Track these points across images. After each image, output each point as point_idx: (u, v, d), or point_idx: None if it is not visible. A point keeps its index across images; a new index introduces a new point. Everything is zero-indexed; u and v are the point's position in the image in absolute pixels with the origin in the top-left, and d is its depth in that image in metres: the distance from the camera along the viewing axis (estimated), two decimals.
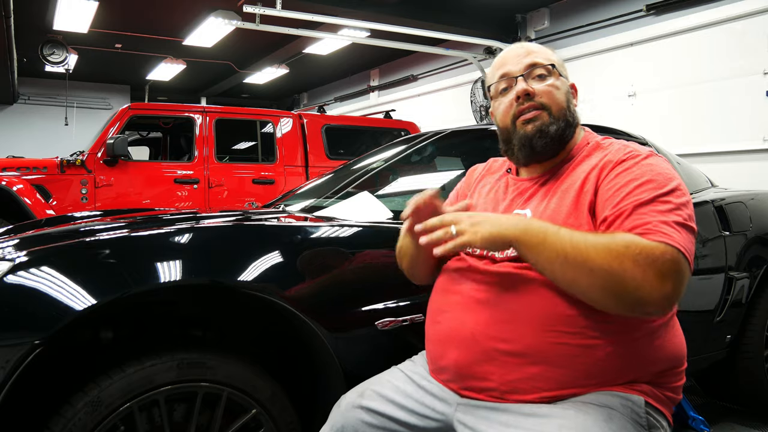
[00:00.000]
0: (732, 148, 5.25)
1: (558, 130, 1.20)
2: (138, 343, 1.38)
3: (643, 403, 1.06)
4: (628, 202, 1.04)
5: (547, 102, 1.20)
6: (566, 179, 1.19)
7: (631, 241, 0.96)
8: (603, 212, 1.07)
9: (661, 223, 0.99)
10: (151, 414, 1.31)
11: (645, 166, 1.09)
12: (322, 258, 1.49)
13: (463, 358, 1.11)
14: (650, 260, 0.94)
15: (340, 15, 6.49)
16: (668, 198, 1.04)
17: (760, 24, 5.09)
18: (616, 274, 0.95)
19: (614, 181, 1.09)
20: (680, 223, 1.00)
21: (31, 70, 10.18)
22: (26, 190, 4.76)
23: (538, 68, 1.22)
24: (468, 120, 7.59)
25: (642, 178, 1.07)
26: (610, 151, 1.18)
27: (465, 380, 1.11)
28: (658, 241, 0.96)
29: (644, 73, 5.97)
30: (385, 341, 1.46)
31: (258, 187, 5.50)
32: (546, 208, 1.16)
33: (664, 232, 0.98)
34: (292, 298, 1.38)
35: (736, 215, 2.42)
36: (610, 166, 1.13)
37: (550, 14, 7.12)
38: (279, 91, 12.61)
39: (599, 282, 0.97)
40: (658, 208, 1.02)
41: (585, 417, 0.99)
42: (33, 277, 1.22)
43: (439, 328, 1.19)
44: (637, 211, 1.02)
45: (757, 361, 2.38)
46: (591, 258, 0.96)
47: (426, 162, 2.57)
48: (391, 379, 1.23)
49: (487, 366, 1.08)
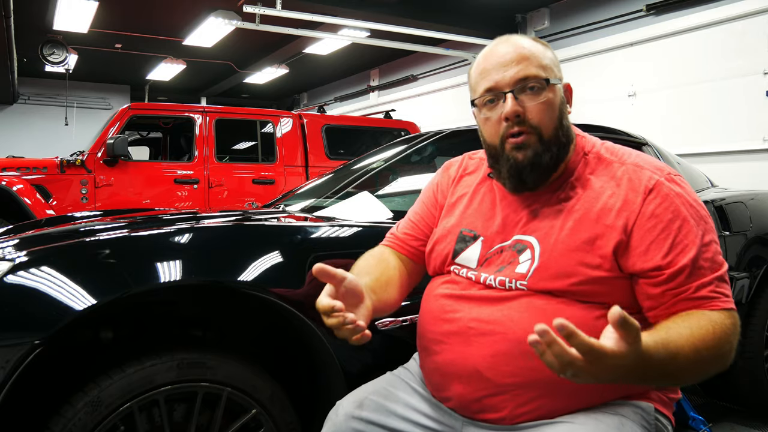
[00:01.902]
0: (732, 148, 5.25)
1: (551, 158, 1.08)
2: (138, 343, 1.38)
3: (652, 410, 1.06)
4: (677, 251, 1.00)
5: (537, 123, 1.07)
6: (576, 202, 1.07)
7: (725, 328, 0.96)
8: (652, 258, 1.00)
9: (718, 281, 0.99)
10: (151, 414, 1.31)
11: (674, 197, 1.03)
12: (321, 258, 1.48)
13: (469, 393, 1.06)
14: (737, 335, 0.97)
15: (340, 15, 6.49)
16: (709, 237, 1.02)
17: (760, 24, 5.09)
18: (722, 365, 0.97)
19: (653, 221, 1.02)
20: (725, 273, 1.01)
21: (31, 70, 10.19)
22: (26, 190, 4.76)
23: (531, 81, 1.07)
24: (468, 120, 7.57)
25: (680, 216, 1.02)
26: (624, 174, 1.07)
27: (472, 411, 1.07)
28: (725, 308, 0.98)
29: (644, 73, 5.97)
30: (385, 341, 1.46)
31: (258, 187, 5.50)
32: (559, 237, 1.05)
33: (724, 294, 0.99)
34: (292, 298, 1.38)
35: (736, 215, 2.42)
36: (638, 201, 1.03)
37: (550, 14, 7.12)
38: (279, 91, 12.61)
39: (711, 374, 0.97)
40: (709, 257, 1.00)
41: (597, 424, 0.98)
42: (33, 277, 1.22)
43: (437, 359, 1.12)
44: (696, 266, 0.99)
45: (757, 361, 2.38)
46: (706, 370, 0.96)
47: (426, 162, 2.57)
48: (389, 389, 1.16)
49: (496, 399, 1.04)
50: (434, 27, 6.87)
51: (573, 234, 1.04)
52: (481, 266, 1.12)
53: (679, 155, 2.89)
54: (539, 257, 1.05)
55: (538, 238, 1.07)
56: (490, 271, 1.10)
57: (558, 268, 1.03)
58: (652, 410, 1.06)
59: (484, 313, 1.06)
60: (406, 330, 1.47)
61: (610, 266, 1.01)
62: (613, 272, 1.01)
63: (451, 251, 1.17)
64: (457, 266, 1.16)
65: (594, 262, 1.01)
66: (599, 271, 1.01)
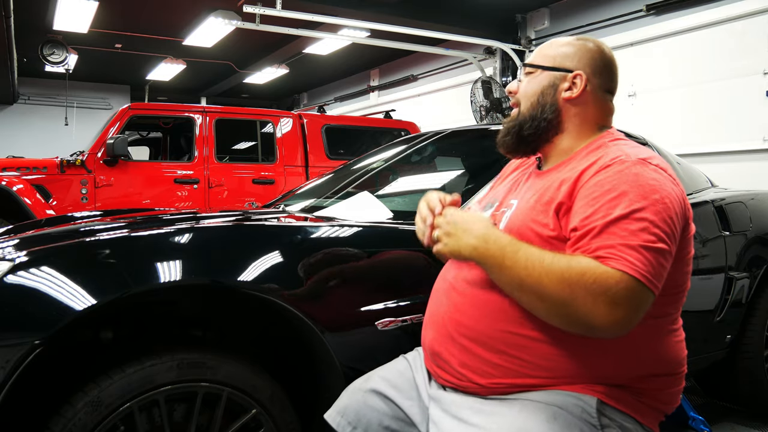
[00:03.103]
0: (732, 148, 5.25)
1: (521, 129, 1.25)
2: (138, 343, 1.38)
3: (595, 403, 1.06)
4: (598, 216, 1.02)
5: (519, 99, 1.28)
6: (553, 174, 1.20)
7: (587, 268, 0.96)
8: (573, 221, 1.06)
9: (624, 247, 0.98)
10: (151, 414, 1.31)
11: (627, 175, 1.05)
12: (321, 258, 1.48)
13: (435, 338, 1.20)
14: (603, 289, 0.95)
15: (340, 15, 6.49)
16: (642, 215, 1.00)
17: (760, 24, 5.09)
18: (567, 302, 0.97)
19: (592, 189, 1.07)
20: (647, 247, 0.98)
21: (31, 70, 10.18)
22: (26, 190, 4.76)
23: (527, 68, 1.30)
24: (468, 120, 7.59)
25: (618, 189, 1.04)
26: (604, 154, 1.14)
27: (435, 359, 1.20)
28: (616, 269, 0.96)
29: (644, 73, 5.97)
30: (385, 341, 1.46)
31: (258, 187, 5.50)
32: (522, 200, 1.20)
33: (625, 258, 0.97)
34: (292, 298, 1.38)
35: (736, 215, 2.42)
36: (594, 169, 1.11)
37: (550, 14, 7.12)
38: (279, 91, 12.61)
39: (552, 309, 1.00)
40: (629, 227, 0.99)
41: (527, 416, 1.03)
42: (33, 277, 1.22)
43: (428, 310, 1.28)
44: (606, 230, 1.00)
45: (757, 361, 2.38)
46: (544, 285, 0.98)
47: (426, 162, 2.57)
48: (397, 366, 1.31)
49: (449, 346, 1.16)
50: (434, 27, 6.86)
51: (538, 197, 1.16)
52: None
53: (679, 155, 2.89)
54: (510, 216, 1.19)
55: (518, 198, 1.23)
56: None
57: (517, 227, 1.14)
58: (594, 403, 1.06)
59: (462, 271, 1.19)
60: (406, 330, 1.47)
61: (554, 226, 1.10)
62: (558, 234, 1.09)
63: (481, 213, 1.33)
64: None
65: (542, 221, 1.11)
66: (546, 230, 1.10)
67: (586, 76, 1.23)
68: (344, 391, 1.31)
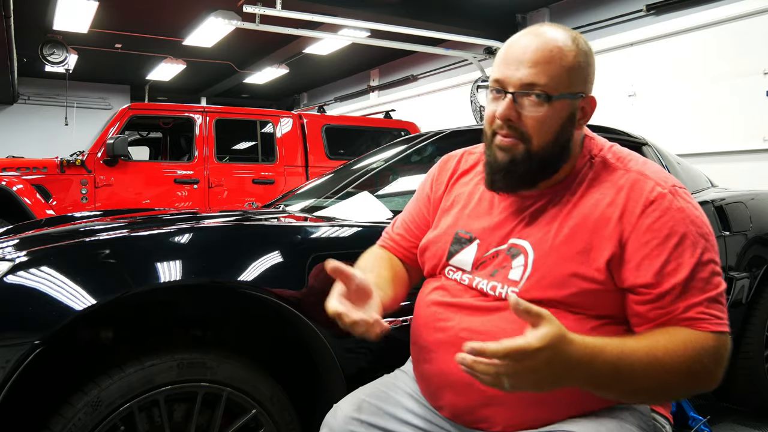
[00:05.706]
0: (732, 148, 5.25)
1: (527, 172, 1.03)
2: (138, 343, 1.38)
3: (648, 411, 1.07)
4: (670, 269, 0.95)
5: (529, 134, 1.02)
6: (573, 208, 1.03)
7: (696, 344, 0.92)
8: (642, 275, 0.97)
9: (709, 302, 0.95)
10: (151, 414, 1.31)
11: (675, 212, 0.98)
12: (321, 258, 1.48)
13: (462, 403, 1.04)
14: (717, 359, 0.93)
15: (340, 15, 6.49)
16: (707, 256, 0.97)
17: (760, 24, 5.09)
18: (696, 387, 0.94)
19: (648, 236, 0.97)
20: (721, 293, 0.97)
21: (31, 70, 10.19)
22: (26, 190, 4.76)
23: (537, 89, 1.00)
24: (468, 120, 7.59)
25: (678, 233, 0.97)
26: (626, 183, 1.02)
27: (467, 421, 1.06)
28: (713, 331, 0.94)
29: (644, 73, 5.97)
30: (385, 341, 1.46)
31: (258, 187, 5.51)
32: (553, 244, 1.01)
33: (715, 317, 0.94)
34: (292, 298, 1.38)
35: (736, 215, 2.42)
36: (637, 209, 0.99)
37: (550, 14, 7.12)
38: (279, 91, 12.62)
39: (680, 395, 0.98)
40: (703, 276, 0.95)
41: (597, 427, 0.97)
42: (33, 277, 1.22)
43: (429, 368, 1.10)
44: (688, 287, 0.95)
45: (757, 361, 2.38)
46: (669, 385, 0.92)
47: (426, 162, 2.57)
48: (387, 391, 1.15)
49: (489, 411, 1.02)
50: (434, 27, 6.87)
51: (567, 242, 1.00)
52: (476, 269, 1.09)
53: (679, 155, 2.89)
54: (532, 264, 1.01)
55: (533, 243, 1.03)
56: (483, 275, 1.07)
57: (551, 278, 0.99)
58: (648, 411, 1.07)
59: (475, 322, 1.04)
60: (406, 330, 1.47)
61: (604, 279, 0.98)
62: (607, 285, 0.98)
63: (445, 253, 1.14)
64: (451, 268, 1.13)
65: (588, 274, 0.98)
66: (593, 283, 0.98)
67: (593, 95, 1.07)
68: (331, 418, 1.13)
